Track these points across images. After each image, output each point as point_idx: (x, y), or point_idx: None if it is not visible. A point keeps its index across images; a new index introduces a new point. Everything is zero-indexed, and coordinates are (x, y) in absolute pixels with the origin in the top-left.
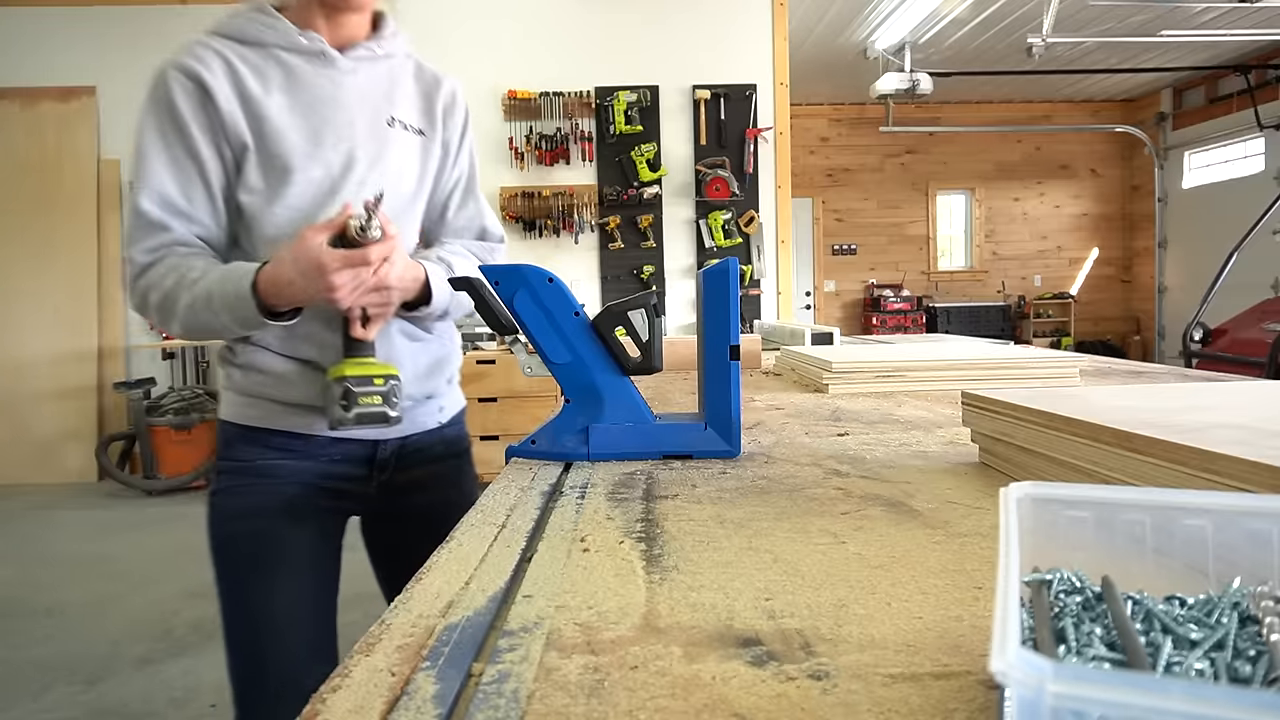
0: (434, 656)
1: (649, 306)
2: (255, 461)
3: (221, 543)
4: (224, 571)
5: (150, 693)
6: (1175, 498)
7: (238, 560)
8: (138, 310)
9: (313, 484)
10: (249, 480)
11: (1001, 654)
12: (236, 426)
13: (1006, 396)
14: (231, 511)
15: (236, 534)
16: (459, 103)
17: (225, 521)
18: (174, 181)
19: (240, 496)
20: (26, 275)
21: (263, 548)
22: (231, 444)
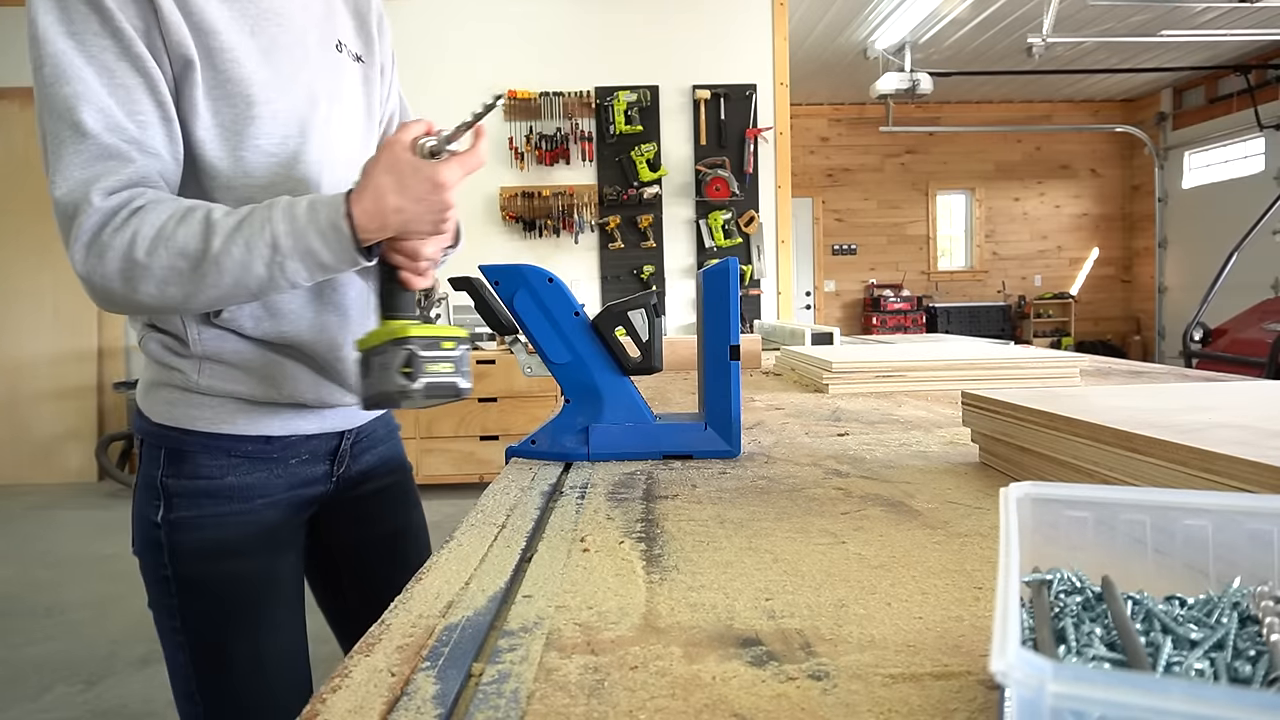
0: (434, 656)
1: (649, 306)
2: (222, 479)
3: (186, 586)
4: (191, 621)
5: (150, 693)
6: (1175, 498)
7: (211, 608)
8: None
9: (284, 499)
10: (216, 506)
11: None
12: (192, 435)
13: (1006, 396)
14: (199, 549)
15: (209, 578)
16: (386, 22)
17: (192, 561)
18: (115, 98)
19: (207, 530)
20: (26, 275)
21: (244, 591)
22: (185, 457)
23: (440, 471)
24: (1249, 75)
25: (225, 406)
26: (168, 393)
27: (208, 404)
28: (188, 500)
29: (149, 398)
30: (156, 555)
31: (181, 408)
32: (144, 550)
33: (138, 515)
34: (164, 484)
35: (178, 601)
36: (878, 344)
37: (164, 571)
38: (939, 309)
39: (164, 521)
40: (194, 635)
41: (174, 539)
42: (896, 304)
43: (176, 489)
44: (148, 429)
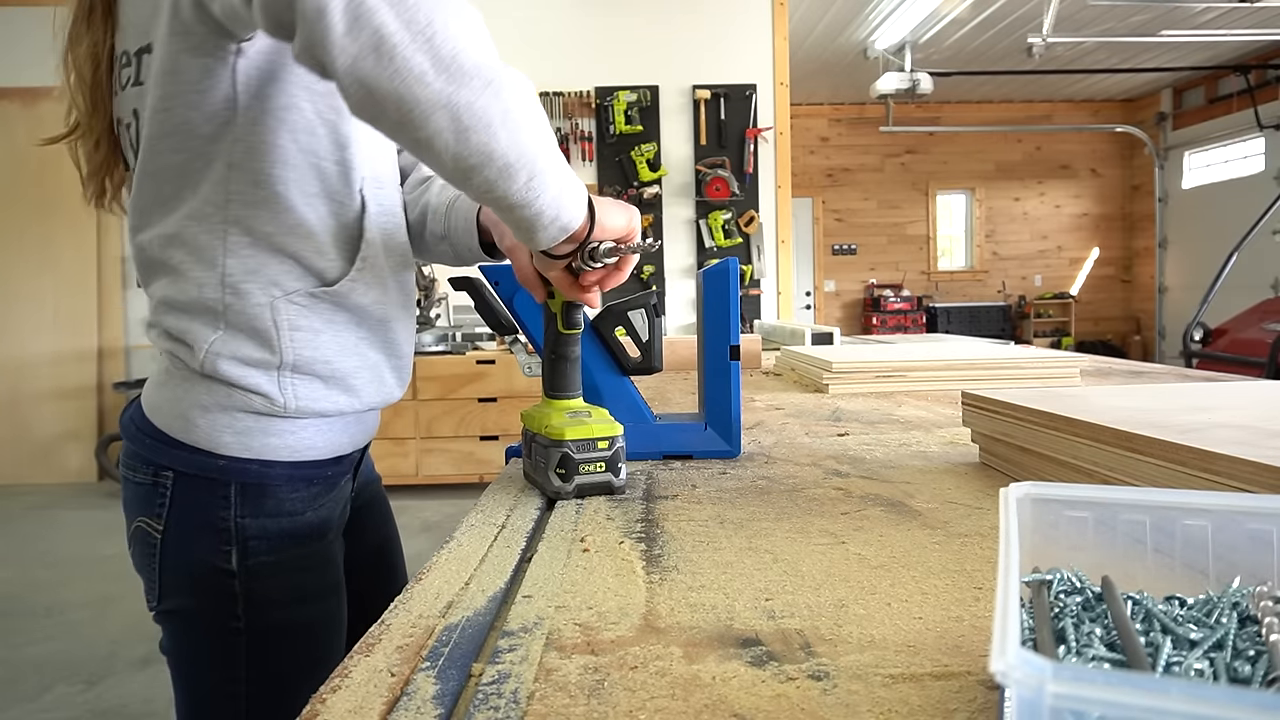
0: (434, 657)
1: (649, 306)
2: (303, 515)
3: (261, 637)
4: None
5: (150, 693)
6: (1175, 498)
7: (286, 657)
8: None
9: (338, 530)
10: (298, 548)
11: (1001, 654)
12: (273, 466)
13: (1006, 396)
14: (280, 598)
15: (289, 627)
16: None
17: (271, 610)
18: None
19: (291, 575)
20: (26, 275)
21: (322, 637)
22: (265, 494)
23: (440, 471)
24: (1249, 75)
25: (308, 429)
26: (241, 419)
27: (289, 429)
28: (269, 543)
29: (205, 424)
30: (225, 607)
31: (260, 437)
32: (201, 604)
33: (185, 564)
34: (239, 525)
35: (246, 654)
36: (878, 344)
37: (234, 624)
38: (939, 309)
39: (240, 569)
40: (258, 687)
41: (253, 587)
42: (896, 304)
43: (256, 530)
44: (206, 465)
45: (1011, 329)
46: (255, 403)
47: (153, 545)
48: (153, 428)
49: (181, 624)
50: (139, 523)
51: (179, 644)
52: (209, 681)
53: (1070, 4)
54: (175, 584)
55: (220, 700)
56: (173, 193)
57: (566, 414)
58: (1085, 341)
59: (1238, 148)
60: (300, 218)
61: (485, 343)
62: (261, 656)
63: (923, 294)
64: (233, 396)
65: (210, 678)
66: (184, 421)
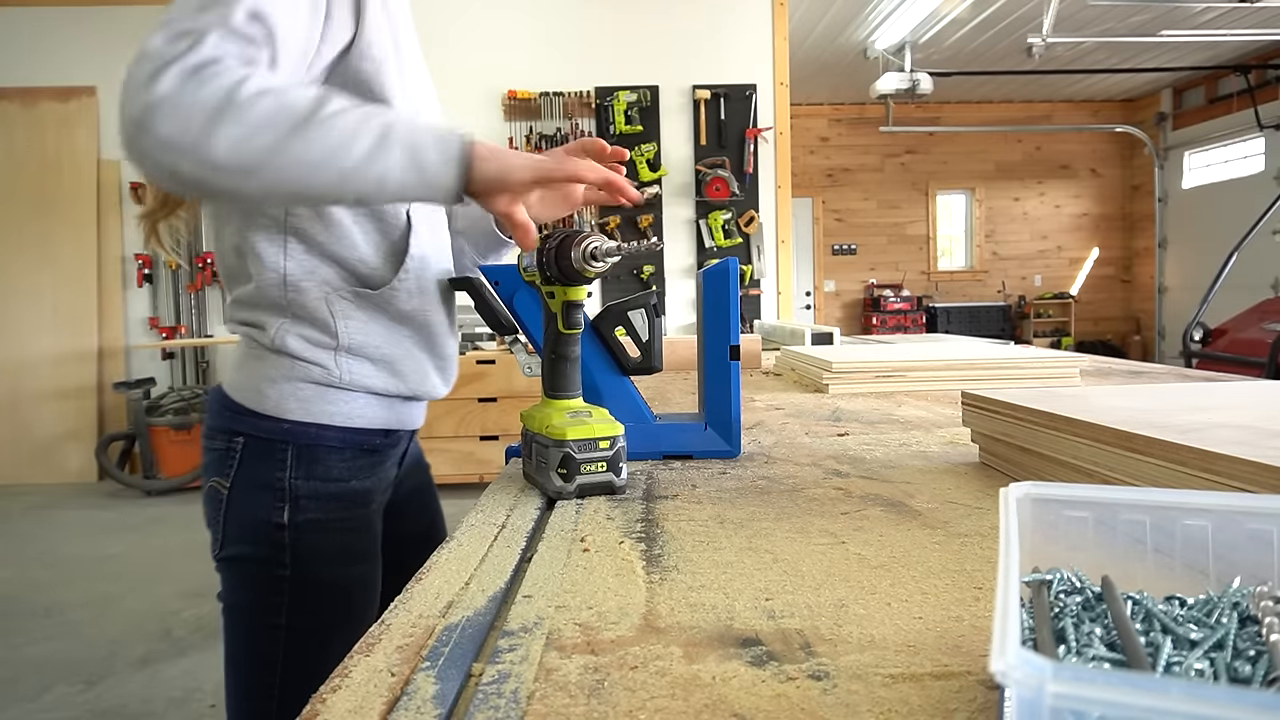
0: (434, 656)
1: (649, 306)
2: (349, 483)
3: (302, 586)
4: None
5: (150, 693)
6: (1175, 498)
7: (325, 609)
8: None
9: (380, 504)
10: (343, 511)
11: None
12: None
13: (1006, 396)
14: (324, 553)
15: (329, 580)
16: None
17: (314, 563)
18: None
19: (334, 534)
20: (26, 275)
21: (357, 595)
22: (316, 458)
23: (440, 471)
24: (1249, 75)
25: (358, 401)
26: (303, 388)
27: (343, 398)
28: (317, 503)
29: (275, 395)
30: (275, 555)
31: (319, 403)
32: (255, 551)
33: (244, 517)
34: (292, 485)
35: (288, 600)
36: (878, 344)
37: (280, 571)
38: (939, 309)
39: (290, 524)
40: (296, 635)
41: (299, 540)
42: (896, 304)
43: (307, 491)
44: (274, 429)
45: (1011, 329)
46: (315, 373)
47: (220, 501)
48: (231, 401)
49: (238, 570)
50: (212, 483)
51: (233, 589)
52: (256, 625)
53: (1070, 4)
54: (236, 534)
55: (264, 645)
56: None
57: (567, 414)
58: (1085, 341)
59: (1238, 148)
60: (347, 232)
61: (485, 343)
62: (301, 605)
63: (923, 294)
64: (295, 368)
65: (257, 622)
66: (256, 394)
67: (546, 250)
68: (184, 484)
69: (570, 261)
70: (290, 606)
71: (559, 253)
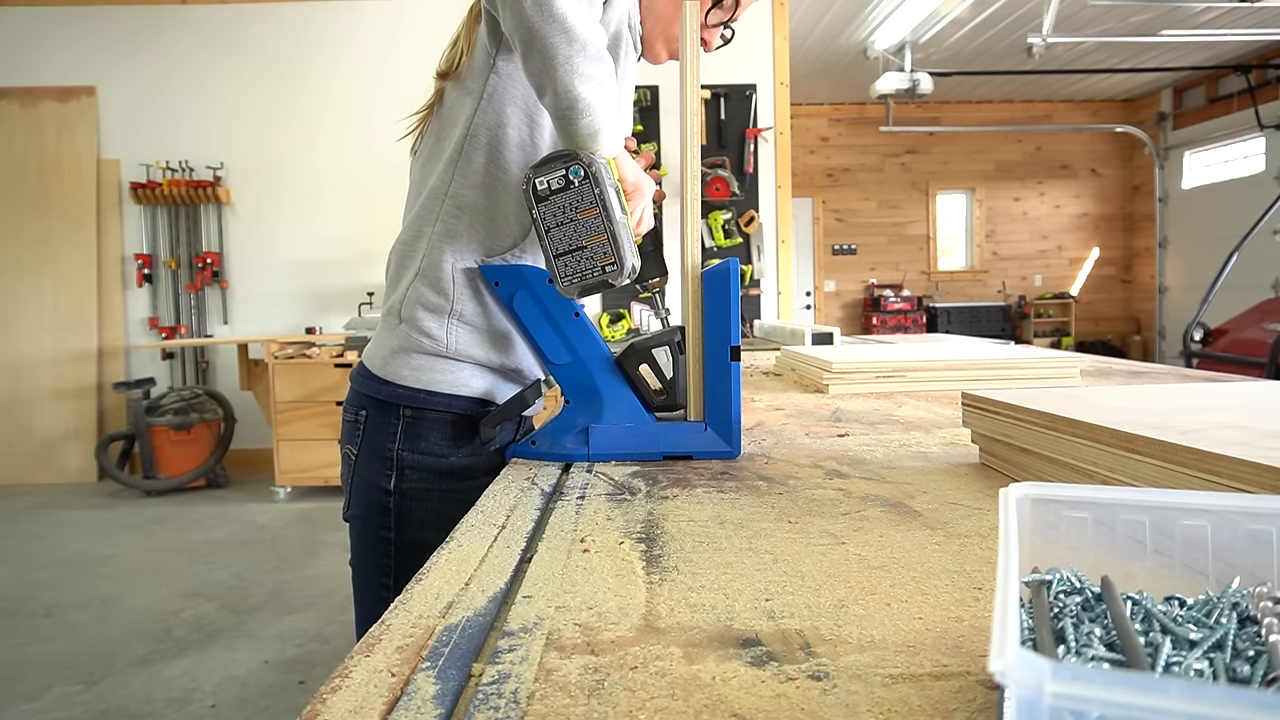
0: (434, 657)
1: (674, 344)
2: (448, 459)
3: (405, 548)
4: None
5: (150, 693)
6: (1174, 498)
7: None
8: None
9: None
10: (442, 483)
11: (1001, 654)
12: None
13: (1006, 397)
14: (423, 519)
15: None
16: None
17: (415, 528)
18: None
19: (432, 502)
20: (26, 275)
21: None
22: (420, 433)
23: None
24: (1249, 75)
25: (464, 370)
26: (418, 359)
27: (451, 368)
28: (419, 474)
29: (395, 363)
30: (382, 519)
31: (428, 372)
32: (367, 513)
33: (362, 481)
34: (400, 456)
35: (394, 563)
36: (878, 344)
37: (386, 534)
38: (939, 309)
39: (396, 490)
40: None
41: (403, 507)
42: (897, 304)
43: (411, 462)
44: (391, 392)
45: (1011, 329)
46: (425, 344)
47: (350, 466)
48: (365, 369)
49: (357, 529)
50: (345, 449)
51: (355, 546)
52: (372, 582)
53: (1070, 4)
54: (357, 496)
55: (376, 604)
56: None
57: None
58: (1085, 341)
59: (1238, 148)
60: (497, 201)
61: None
62: (404, 566)
63: (923, 294)
64: (410, 338)
65: (372, 579)
66: (382, 361)
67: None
68: (184, 484)
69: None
70: (396, 569)
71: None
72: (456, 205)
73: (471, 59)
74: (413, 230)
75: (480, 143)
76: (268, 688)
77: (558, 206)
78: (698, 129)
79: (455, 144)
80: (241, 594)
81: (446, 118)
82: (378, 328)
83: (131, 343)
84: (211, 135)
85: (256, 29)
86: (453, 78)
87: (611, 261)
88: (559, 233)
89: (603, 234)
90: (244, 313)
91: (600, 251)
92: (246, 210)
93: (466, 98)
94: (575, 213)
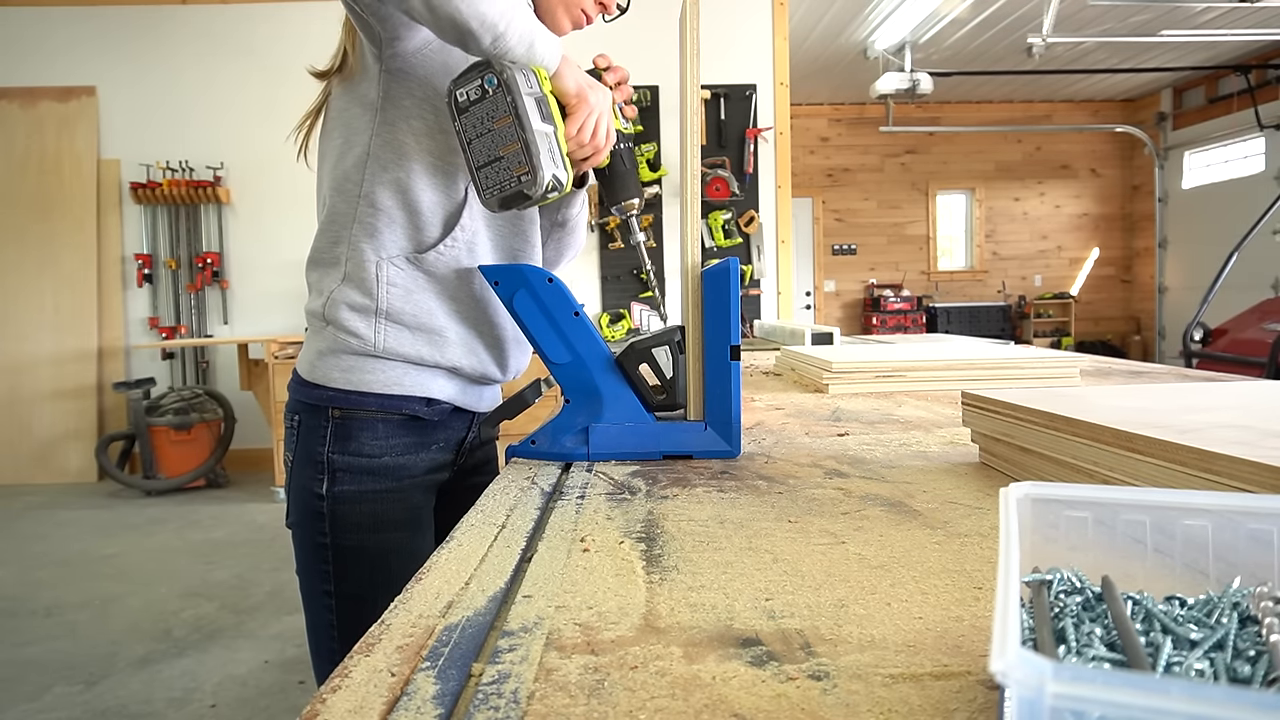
0: (434, 656)
1: (673, 344)
2: (380, 459)
3: (341, 554)
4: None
5: (150, 693)
6: (1175, 498)
7: (363, 575)
8: None
9: (423, 481)
10: (374, 483)
11: (1001, 654)
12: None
13: (1006, 396)
14: (358, 522)
15: (364, 547)
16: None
17: (350, 532)
18: None
19: (365, 504)
20: (26, 275)
21: (393, 561)
22: (350, 435)
23: None
24: (1249, 75)
25: (397, 369)
26: (346, 359)
27: (382, 367)
28: (350, 476)
29: (323, 365)
30: (317, 524)
31: (358, 373)
32: (303, 519)
33: (297, 487)
34: (330, 459)
35: (332, 568)
36: (878, 344)
37: (322, 540)
38: (939, 309)
39: (328, 494)
40: (343, 600)
41: (336, 510)
42: (896, 304)
43: (341, 464)
44: (320, 396)
45: (1011, 329)
46: (353, 344)
47: (289, 473)
48: (298, 375)
49: (297, 536)
50: (286, 456)
51: (297, 555)
52: (314, 589)
53: (1070, 4)
54: (294, 503)
55: (320, 610)
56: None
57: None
58: (1085, 341)
59: (1238, 148)
60: (415, 198)
61: None
62: (342, 571)
63: (923, 294)
64: (338, 339)
65: (313, 586)
66: (310, 365)
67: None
68: (184, 484)
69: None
70: (335, 575)
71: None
72: (371, 204)
73: (360, 60)
74: (329, 236)
75: (386, 141)
76: (268, 688)
77: (476, 118)
78: (698, 129)
79: (361, 148)
80: (241, 594)
81: (343, 120)
82: (306, 334)
83: (131, 343)
84: (212, 135)
85: (257, 29)
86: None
87: (526, 170)
88: (479, 144)
89: (515, 142)
90: (244, 313)
91: (515, 161)
92: (246, 210)
93: (361, 103)
94: (492, 123)
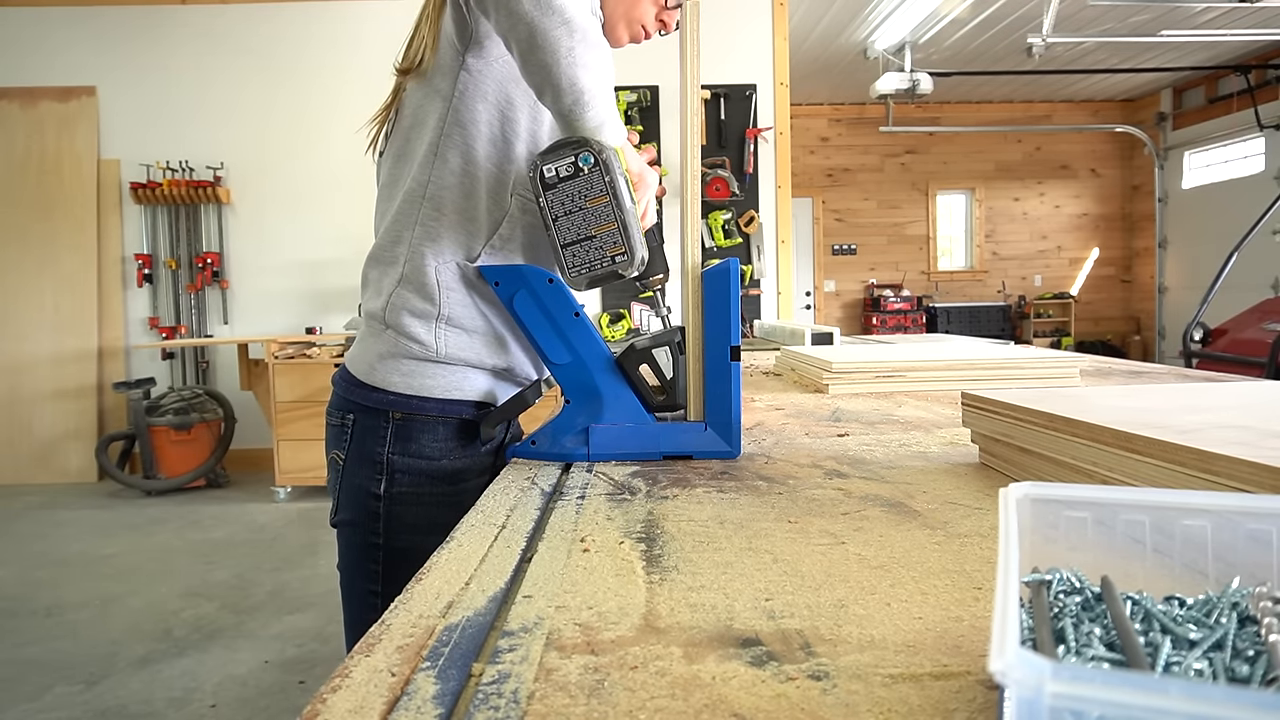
0: (434, 657)
1: (673, 344)
2: (439, 461)
3: (393, 554)
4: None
5: (150, 693)
6: (1174, 498)
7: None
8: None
9: (475, 484)
10: (433, 486)
11: (1001, 654)
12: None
13: (1006, 397)
14: (413, 523)
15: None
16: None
17: (404, 533)
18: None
19: (423, 506)
20: (27, 275)
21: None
22: (411, 436)
23: None
24: (1249, 75)
25: (456, 373)
26: (407, 364)
27: (443, 372)
28: (410, 478)
29: (383, 369)
30: (372, 524)
31: (419, 378)
32: (357, 518)
33: (351, 486)
34: (390, 460)
35: (382, 568)
36: (878, 344)
37: (375, 539)
38: (939, 309)
39: (385, 495)
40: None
41: (392, 511)
42: (896, 304)
43: (401, 466)
44: (381, 399)
45: (1011, 329)
46: (415, 349)
47: (337, 471)
48: (349, 375)
49: (345, 534)
50: (332, 454)
51: (343, 552)
52: (360, 589)
53: (1070, 4)
54: (345, 501)
55: (365, 610)
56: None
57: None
58: (1085, 341)
59: (1238, 148)
60: (473, 205)
61: None
62: (393, 572)
63: (923, 294)
64: (399, 344)
65: (359, 585)
66: (368, 367)
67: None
68: (184, 484)
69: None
70: (384, 575)
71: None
72: (435, 207)
73: (437, 56)
74: (391, 234)
75: (454, 142)
76: (268, 688)
77: (566, 194)
78: (698, 129)
79: (428, 144)
80: (241, 594)
81: (415, 117)
82: (360, 331)
83: (131, 343)
84: (212, 135)
85: (257, 29)
86: (416, 75)
87: (622, 251)
88: (567, 221)
89: (613, 222)
90: (244, 313)
91: (610, 241)
92: (246, 210)
93: (435, 96)
94: (584, 201)
